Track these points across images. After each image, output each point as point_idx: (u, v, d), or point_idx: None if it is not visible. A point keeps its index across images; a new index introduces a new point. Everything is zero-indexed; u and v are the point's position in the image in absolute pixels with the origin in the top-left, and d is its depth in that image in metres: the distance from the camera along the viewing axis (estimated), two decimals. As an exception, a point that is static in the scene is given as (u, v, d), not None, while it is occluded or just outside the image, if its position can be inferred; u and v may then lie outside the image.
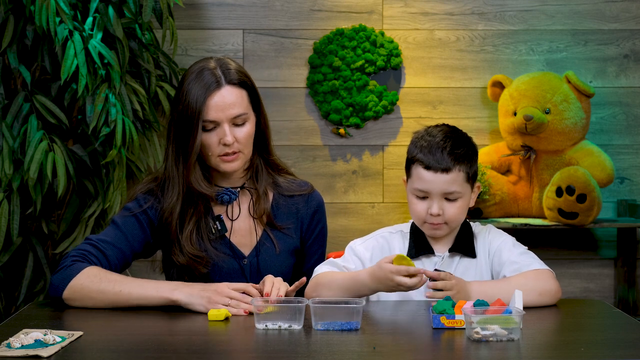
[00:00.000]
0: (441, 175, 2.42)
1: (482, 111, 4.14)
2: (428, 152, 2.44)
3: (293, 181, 2.60)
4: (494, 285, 2.37)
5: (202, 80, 2.43)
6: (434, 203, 2.43)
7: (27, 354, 1.87)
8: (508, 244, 2.50)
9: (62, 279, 2.35)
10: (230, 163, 2.46)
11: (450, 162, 2.42)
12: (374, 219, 4.12)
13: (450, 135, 2.47)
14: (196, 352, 1.96)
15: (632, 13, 4.12)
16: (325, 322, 2.11)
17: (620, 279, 4.12)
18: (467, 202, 2.48)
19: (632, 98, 4.14)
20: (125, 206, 2.50)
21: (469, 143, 2.50)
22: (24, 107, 3.54)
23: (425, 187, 2.43)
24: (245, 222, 2.54)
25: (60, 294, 2.34)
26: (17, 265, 3.67)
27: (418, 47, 4.12)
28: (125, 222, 2.46)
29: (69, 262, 2.37)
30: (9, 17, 3.54)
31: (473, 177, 2.48)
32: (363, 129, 4.13)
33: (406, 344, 2.05)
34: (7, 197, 3.52)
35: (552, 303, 2.39)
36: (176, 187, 2.46)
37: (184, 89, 2.45)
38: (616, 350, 1.99)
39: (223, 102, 2.43)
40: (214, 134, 2.43)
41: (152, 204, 2.48)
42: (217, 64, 2.47)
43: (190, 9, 4.11)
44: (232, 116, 2.44)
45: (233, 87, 2.45)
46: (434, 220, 2.44)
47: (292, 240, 2.55)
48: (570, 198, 3.79)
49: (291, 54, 4.13)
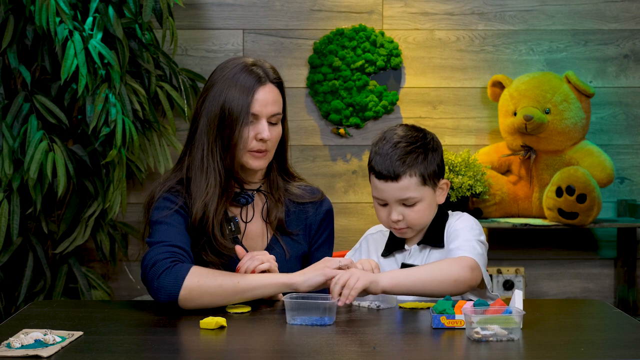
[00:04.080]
0: (392, 184, 2.41)
1: (482, 111, 4.14)
2: (379, 159, 2.42)
3: (305, 187, 2.60)
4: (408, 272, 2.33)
5: (249, 75, 2.45)
6: (392, 210, 2.43)
7: (27, 354, 1.87)
8: (464, 230, 2.44)
9: (174, 280, 2.29)
10: (259, 160, 2.47)
11: (399, 168, 2.39)
12: (374, 219, 4.11)
13: (401, 139, 2.43)
14: (196, 352, 1.96)
15: (632, 13, 4.12)
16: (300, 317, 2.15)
17: (620, 279, 4.12)
18: (428, 204, 2.44)
19: (632, 98, 4.14)
20: (158, 206, 2.45)
21: (424, 143, 2.44)
22: (24, 107, 3.55)
23: (381, 196, 2.44)
24: (257, 226, 2.54)
25: (176, 296, 2.28)
26: (17, 265, 3.67)
27: (418, 47, 4.12)
28: (174, 219, 2.43)
29: (167, 263, 2.32)
30: (9, 17, 3.54)
31: (433, 177, 2.44)
32: (363, 129, 4.13)
33: (406, 344, 2.05)
34: (7, 197, 3.52)
35: (467, 291, 2.35)
36: (212, 176, 2.45)
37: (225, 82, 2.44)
38: (616, 350, 1.99)
39: (267, 98, 2.45)
40: (251, 128, 2.45)
41: (183, 201, 2.47)
42: (255, 61, 2.49)
43: (190, 9, 4.11)
44: (272, 113, 2.46)
45: (274, 85, 2.48)
46: (396, 226, 2.45)
47: (300, 247, 2.56)
48: (570, 198, 3.79)
49: (291, 54, 4.13)
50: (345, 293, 2.22)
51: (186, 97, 3.87)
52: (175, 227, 2.42)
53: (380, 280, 2.27)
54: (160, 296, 2.30)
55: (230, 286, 2.30)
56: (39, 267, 3.66)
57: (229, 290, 2.30)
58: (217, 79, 2.47)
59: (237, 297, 2.31)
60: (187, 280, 2.29)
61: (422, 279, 2.30)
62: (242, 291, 2.31)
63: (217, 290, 2.30)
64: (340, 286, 2.23)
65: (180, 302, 2.29)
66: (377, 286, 2.26)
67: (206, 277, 2.30)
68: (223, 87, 2.45)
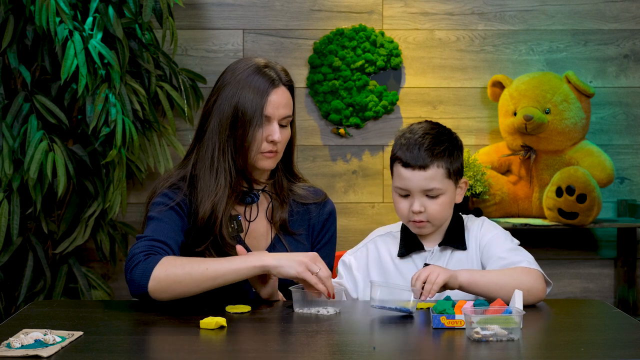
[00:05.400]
0: (419, 172, 2.42)
1: (482, 111, 4.14)
2: (406, 149, 2.44)
3: (308, 188, 2.61)
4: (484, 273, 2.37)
5: (263, 76, 2.45)
6: (415, 200, 2.43)
7: (27, 354, 1.87)
8: (499, 238, 2.48)
9: (142, 272, 2.28)
10: (269, 160, 2.48)
11: (427, 158, 2.41)
12: (374, 219, 4.12)
13: (430, 131, 2.46)
14: (196, 352, 1.96)
15: (632, 13, 4.12)
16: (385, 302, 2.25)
17: (620, 279, 4.12)
18: (450, 198, 2.46)
19: (632, 98, 4.14)
20: (155, 202, 2.46)
21: (451, 139, 2.48)
22: (24, 107, 3.55)
23: (405, 185, 2.44)
24: (261, 225, 2.55)
25: (145, 288, 2.28)
26: (17, 265, 3.67)
27: (418, 47, 4.12)
28: (166, 215, 2.42)
29: (141, 257, 2.31)
30: (9, 17, 3.54)
31: (456, 173, 2.47)
32: (363, 129, 4.13)
33: (406, 344, 2.05)
34: (7, 197, 3.52)
35: (535, 303, 2.37)
36: (222, 176, 2.45)
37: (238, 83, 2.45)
38: (616, 350, 1.99)
39: (279, 101, 2.46)
40: (263, 129, 2.45)
41: (182, 198, 2.47)
42: (267, 63, 2.50)
43: (190, 9, 4.11)
44: (283, 116, 2.47)
45: (286, 88, 2.49)
46: (416, 218, 2.45)
47: (303, 247, 2.56)
48: (570, 198, 3.79)
49: (291, 54, 4.13)
50: (428, 288, 2.25)
51: (186, 97, 3.87)
52: (165, 223, 2.42)
53: (459, 276, 2.30)
54: (132, 289, 2.30)
55: (199, 273, 2.28)
56: (39, 267, 3.66)
57: (198, 278, 2.28)
58: (229, 79, 2.48)
59: (208, 283, 2.29)
60: (156, 271, 2.28)
61: (497, 282, 2.31)
62: (213, 277, 2.28)
63: (185, 279, 2.28)
64: (421, 282, 2.25)
65: (151, 293, 2.28)
66: (456, 281, 2.30)
67: (174, 266, 2.28)
68: (236, 88, 2.45)
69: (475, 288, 2.32)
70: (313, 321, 2.19)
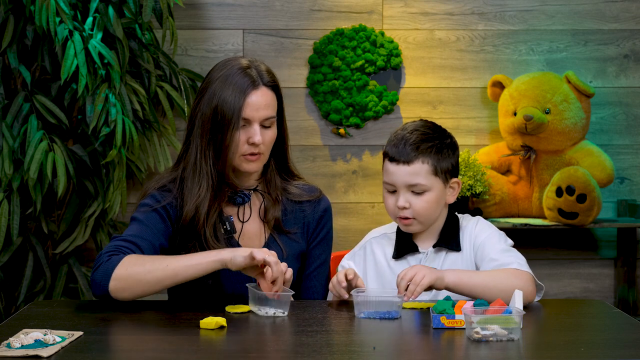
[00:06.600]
0: (403, 167, 2.42)
1: (482, 111, 4.14)
2: (394, 145, 2.45)
3: (303, 186, 2.60)
4: (471, 274, 2.35)
5: (242, 78, 2.43)
6: (400, 196, 2.44)
7: (27, 354, 1.87)
8: (493, 239, 2.47)
9: (104, 272, 2.28)
10: (252, 163, 2.46)
11: (411, 153, 2.41)
12: (374, 219, 4.12)
13: (420, 128, 2.46)
14: (196, 352, 1.96)
15: (632, 13, 4.12)
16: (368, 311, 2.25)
17: (620, 279, 4.12)
18: (437, 196, 2.44)
19: (632, 98, 4.14)
20: (142, 203, 2.46)
21: (442, 137, 2.47)
22: (24, 107, 3.55)
23: (391, 180, 2.45)
24: (254, 225, 2.54)
25: (106, 288, 2.27)
26: (17, 265, 3.67)
27: (418, 47, 4.12)
28: (147, 217, 2.42)
29: (105, 258, 2.31)
30: (9, 17, 3.54)
31: (446, 172, 2.45)
32: (363, 129, 4.13)
33: (406, 344, 2.05)
34: (7, 197, 3.52)
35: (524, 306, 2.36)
36: (205, 180, 2.44)
37: (218, 84, 2.43)
38: (616, 350, 1.99)
39: (259, 102, 2.43)
40: (242, 132, 2.44)
41: (170, 201, 2.46)
42: (250, 63, 2.47)
43: (190, 9, 4.11)
44: (264, 117, 2.44)
45: (267, 89, 2.46)
46: (401, 214, 2.45)
47: (298, 245, 2.55)
48: (570, 198, 3.79)
49: (291, 54, 4.13)
50: (412, 289, 2.24)
51: (186, 97, 3.87)
52: (144, 225, 2.42)
53: (446, 277, 2.29)
54: (94, 290, 2.29)
55: (160, 270, 2.27)
56: (39, 267, 3.66)
57: (159, 275, 2.27)
58: (212, 79, 2.46)
59: (169, 281, 2.28)
60: (117, 270, 2.27)
61: (484, 284, 2.30)
62: (174, 274, 2.28)
63: (146, 277, 2.27)
64: (406, 282, 2.25)
65: (112, 293, 2.27)
66: (442, 282, 2.29)
67: (135, 265, 2.28)
68: (217, 88, 2.43)
69: (462, 289, 2.31)
70: (313, 321, 2.20)
